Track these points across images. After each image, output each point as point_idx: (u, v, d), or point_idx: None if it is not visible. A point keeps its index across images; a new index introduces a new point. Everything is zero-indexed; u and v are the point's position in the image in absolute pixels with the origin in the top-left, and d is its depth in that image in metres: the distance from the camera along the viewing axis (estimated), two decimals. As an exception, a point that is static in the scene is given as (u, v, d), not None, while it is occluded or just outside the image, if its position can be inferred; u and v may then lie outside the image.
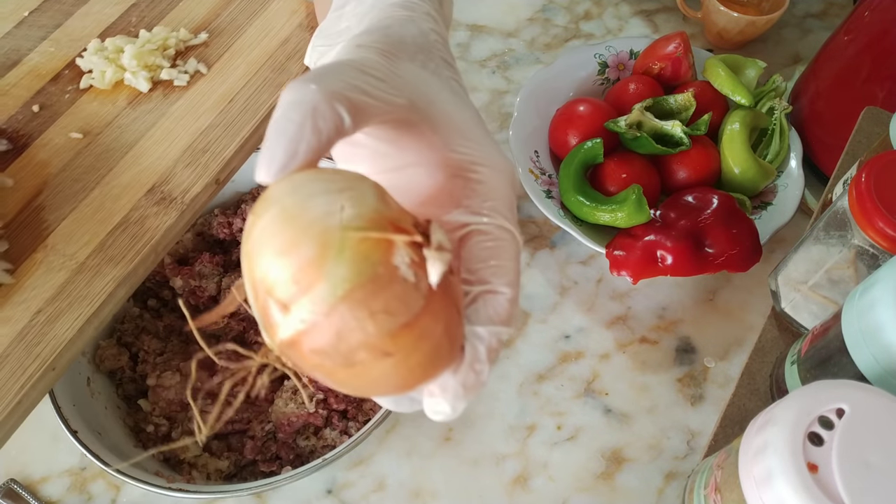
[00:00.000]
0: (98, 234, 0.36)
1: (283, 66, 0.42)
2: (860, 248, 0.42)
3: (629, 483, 0.52)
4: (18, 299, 0.34)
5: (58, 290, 0.35)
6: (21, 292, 0.34)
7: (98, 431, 0.47)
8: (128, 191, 0.37)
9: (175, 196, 0.37)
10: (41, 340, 0.33)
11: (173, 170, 0.38)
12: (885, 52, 0.58)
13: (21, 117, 0.40)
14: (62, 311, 0.34)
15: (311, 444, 0.51)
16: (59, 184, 0.38)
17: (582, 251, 0.63)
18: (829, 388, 0.33)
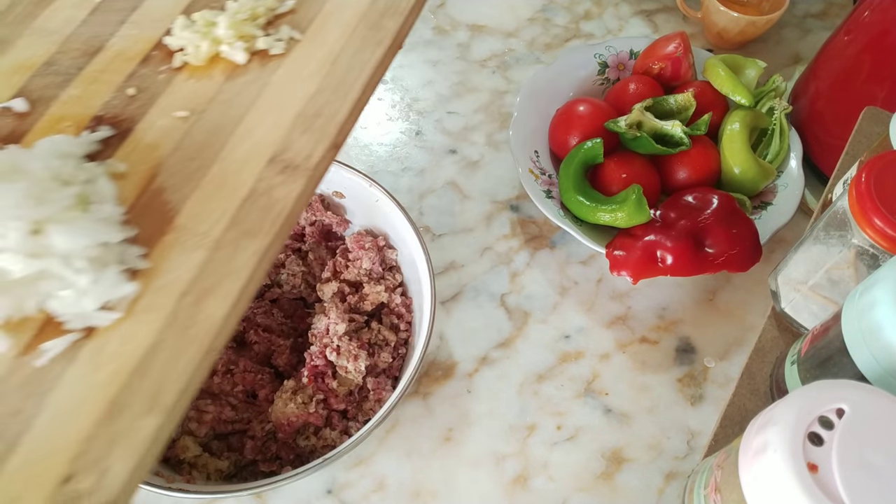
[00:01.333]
0: (228, 210, 0.34)
1: (379, 23, 0.41)
2: (860, 248, 0.42)
3: (629, 483, 0.52)
4: (159, 284, 0.33)
5: (199, 270, 0.33)
6: (160, 276, 0.33)
7: None
8: (247, 164, 0.36)
9: (298, 163, 0.36)
10: (194, 323, 0.32)
11: (289, 138, 0.37)
12: (885, 52, 0.58)
13: (117, 102, 0.39)
14: (209, 289, 0.32)
15: (311, 444, 0.51)
16: (173, 164, 0.36)
17: (582, 251, 0.63)
18: (829, 388, 0.33)
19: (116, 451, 0.29)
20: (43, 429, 0.29)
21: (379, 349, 0.53)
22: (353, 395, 0.52)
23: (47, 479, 0.28)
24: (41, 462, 0.28)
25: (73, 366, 0.30)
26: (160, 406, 0.29)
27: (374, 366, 0.53)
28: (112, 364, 0.30)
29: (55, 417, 0.29)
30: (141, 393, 0.30)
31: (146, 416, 0.29)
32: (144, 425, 0.29)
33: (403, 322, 0.55)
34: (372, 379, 0.52)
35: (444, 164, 0.69)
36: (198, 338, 0.31)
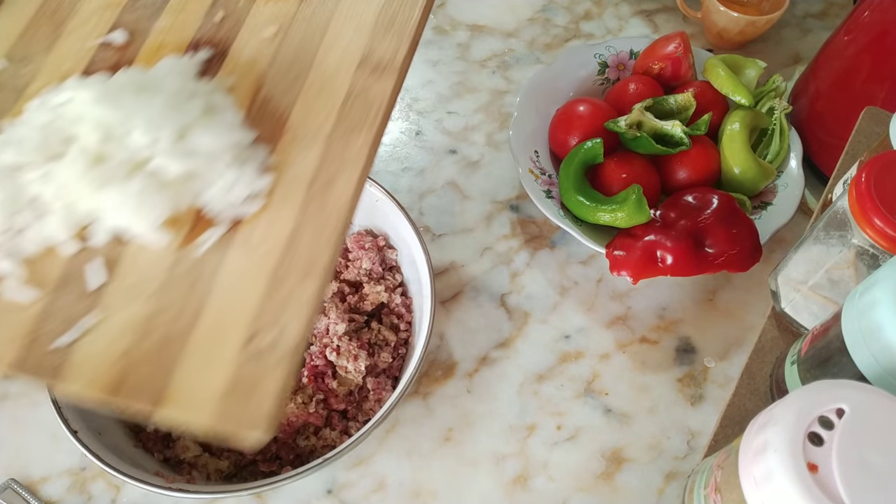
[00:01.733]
0: (332, 110, 0.39)
1: None
2: (860, 248, 0.42)
3: (629, 483, 0.52)
4: (289, 177, 0.37)
5: (320, 161, 0.37)
6: (288, 170, 0.37)
7: (98, 431, 0.47)
8: (339, 69, 0.40)
9: (385, 63, 0.40)
10: (326, 205, 0.36)
11: (372, 42, 0.41)
12: (885, 52, 0.58)
13: (208, 28, 0.42)
14: (333, 176, 0.37)
15: (310, 444, 0.51)
16: (273, 76, 0.40)
17: (582, 251, 0.63)
18: (829, 388, 0.33)
19: (288, 312, 0.34)
20: (218, 303, 0.34)
21: (379, 349, 0.53)
22: (353, 395, 0.52)
23: (234, 341, 0.33)
24: (226, 328, 0.34)
25: (229, 252, 0.35)
26: (314, 273, 0.35)
27: (374, 366, 0.52)
28: (264, 245, 0.36)
29: (226, 293, 0.35)
30: (295, 265, 0.35)
31: (305, 282, 0.35)
32: (305, 289, 0.34)
33: (403, 322, 0.55)
34: (372, 379, 0.52)
35: (444, 164, 0.69)
36: (332, 216, 0.36)
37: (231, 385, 0.32)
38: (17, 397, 0.56)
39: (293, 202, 0.36)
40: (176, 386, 0.33)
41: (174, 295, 0.34)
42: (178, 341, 0.33)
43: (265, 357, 0.33)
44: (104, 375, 0.33)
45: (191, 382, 0.33)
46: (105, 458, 0.45)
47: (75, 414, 0.47)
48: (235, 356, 0.33)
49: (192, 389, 0.33)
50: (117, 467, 0.44)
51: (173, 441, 0.51)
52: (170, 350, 0.33)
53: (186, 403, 0.32)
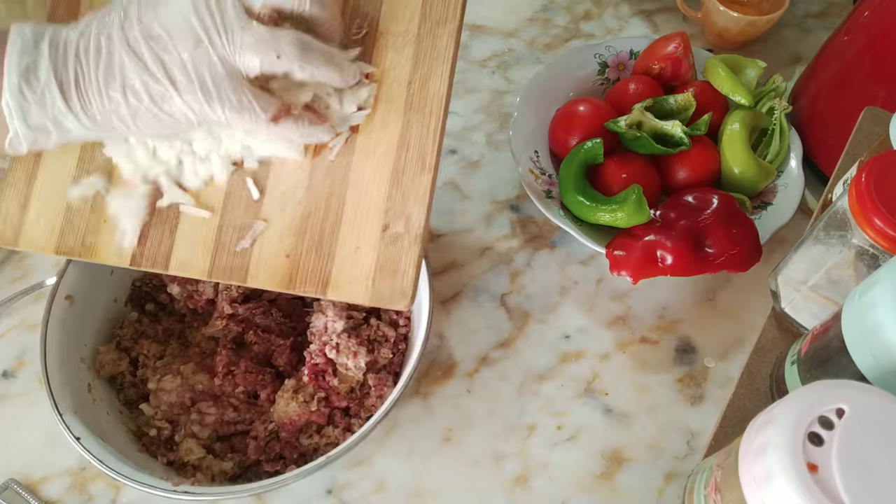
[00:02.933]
0: (415, 9, 0.42)
1: None
2: (860, 248, 0.42)
3: (629, 483, 0.52)
4: (389, 81, 0.42)
5: (414, 61, 0.42)
6: (387, 75, 0.42)
7: (101, 437, 0.47)
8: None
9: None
10: (426, 102, 0.41)
11: None
12: (885, 52, 0.58)
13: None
14: (427, 74, 0.41)
15: (314, 443, 0.51)
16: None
17: (582, 251, 0.63)
18: (829, 388, 0.33)
19: (410, 202, 0.40)
20: (354, 201, 0.41)
21: (378, 345, 0.53)
22: (355, 391, 0.52)
23: (373, 230, 0.41)
24: (364, 221, 0.41)
25: (354, 155, 0.42)
26: (427, 165, 0.41)
27: (375, 362, 0.52)
28: (381, 145, 0.41)
29: (359, 192, 0.41)
30: (411, 159, 0.41)
31: (421, 175, 0.41)
32: (422, 180, 0.41)
33: (402, 318, 0.55)
34: (373, 375, 0.52)
35: (444, 164, 0.69)
36: (433, 111, 0.41)
37: (377, 268, 0.40)
38: (17, 397, 0.56)
39: (398, 104, 0.41)
40: (336, 273, 0.40)
41: (317, 198, 0.41)
42: (330, 236, 0.41)
43: (400, 241, 0.40)
44: (279, 271, 0.41)
45: (346, 269, 0.40)
46: (108, 463, 0.45)
47: (77, 421, 0.47)
48: (377, 243, 0.40)
49: (349, 275, 0.40)
50: (121, 471, 0.45)
51: (176, 444, 0.51)
52: (325, 244, 0.41)
53: (346, 287, 0.40)
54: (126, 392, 0.54)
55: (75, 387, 0.50)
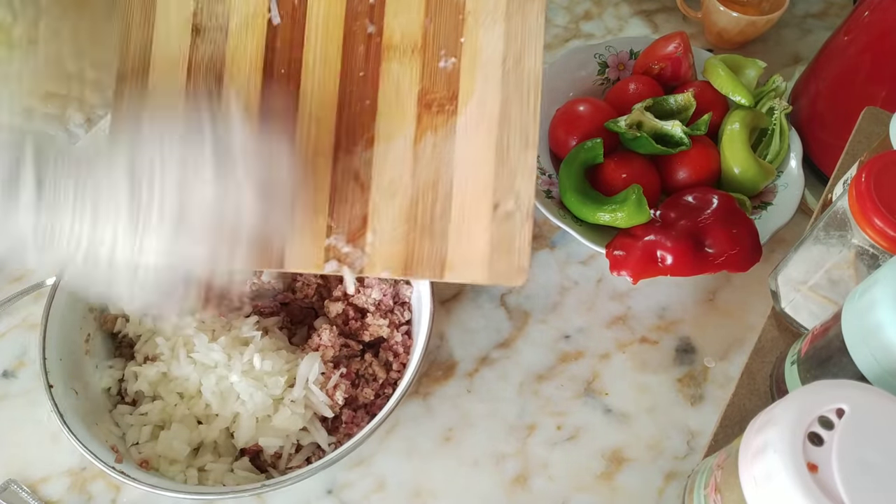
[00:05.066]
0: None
1: None
2: (860, 248, 0.42)
3: (629, 483, 0.52)
4: (482, 59, 0.42)
5: (505, 38, 0.42)
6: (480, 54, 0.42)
7: (75, 390, 0.49)
8: None
9: None
10: (522, 79, 0.41)
11: None
12: (885, 52, 0.58)
13: None
14: (520, 50, 0.41)
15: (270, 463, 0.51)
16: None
17: (582, 251, 0.63)
18: (829, 388, 0.33)
19: (518, 179, 0.40)
20: (462, 183, 0.41)
21: (365, 383, 0.52)
22: (326, 422, 0.51)
23: (484, 210, 0.41)
24: (474, 201, 0.41)
25: (456, 138, 0.41)
26: (530, 142, 0.41)
27: (355, 398, 0.52)
28: (482, 124, 0.41)
29: (465, 173, 0.41)
30: (513, 136, 0.41)
31: (525, 151, 0.40)
32: (527, 157, 0.40)
33: (398, 362, 0.53)
34: (348, 411, 0.51)
35: (444, 164, 0.69)
36: (531, 88, 0.41)
37: (492, 247, 0.41)
38: (17, 397, 0.56)
39: (494, 82, 0.41)
40: (451, 256, 0.41)
41: (425, 183, 0.41)
42: (441, 220, 0.41)
43: (511, 219, 0.41)
44: (396, 257, 0.42)
45: (461, 250, 0.41)
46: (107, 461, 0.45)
47: (77, 418, 0.47)
48: (489, 223, 0.41)
49: (464, 256, 0.41)
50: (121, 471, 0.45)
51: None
52: (437, 228, 0.41)
53: (463, 268, 0.41)
54: (122, 350, 0.55)
55: (72, 335, 0.51)
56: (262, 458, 0.50)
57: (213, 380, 0.49)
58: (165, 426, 0.50)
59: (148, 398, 0.52)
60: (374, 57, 0.43)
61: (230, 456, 0.50)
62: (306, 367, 0.50)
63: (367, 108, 0.43)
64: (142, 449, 0.49)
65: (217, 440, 0.50)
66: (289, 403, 0.49)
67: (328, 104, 0.43)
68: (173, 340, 0.51)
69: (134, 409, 0.52)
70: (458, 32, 0.42)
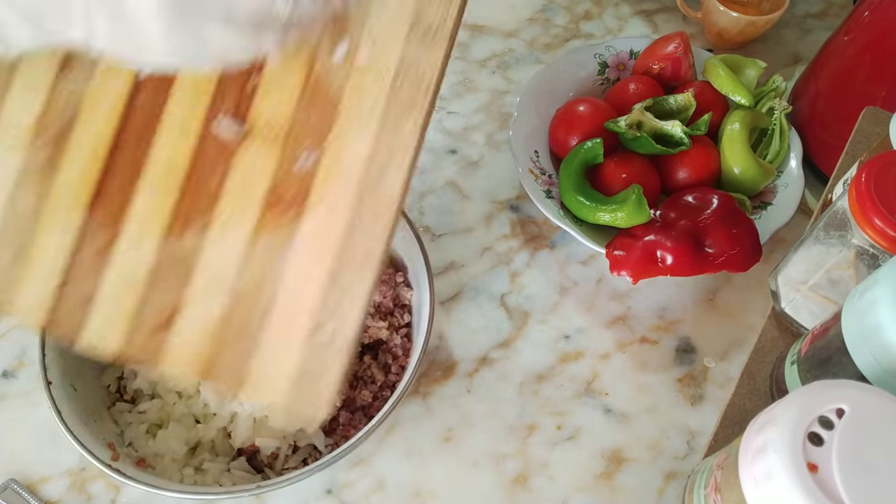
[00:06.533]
0: (382, 90, 0.38)
1: None
2: (860, 248, 0.42)
3: (629, 483, 0.52)
4: (344, 166, 0.37)
5: (373, 147, 0.37)
6: (342, 158, 0.37)
7: (74, 386, 0.48)
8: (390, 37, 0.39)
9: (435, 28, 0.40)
10: (379, 194, 0.37)
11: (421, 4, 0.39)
12: (885, 52, 0.58)
13: None
14: (385, 163, 0.37)
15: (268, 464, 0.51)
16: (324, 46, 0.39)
17: (582, 251, 0.63)
18: (829, 388, 0.33)
19: (345, 305, 0.36)
20: (286, 295, 0.36)
21: (363, 385, 0.52)
22: (324, 423, 0.51)
23: (302, 331, 0.36)
24: (294, 318, 0.36)
25: (293, 244, 0.37)
26: (368, 266, 0.36)
27: (352, 401, 0.51)
28: (324, 238, 0.37)
29: (292, 286, 0.36)
30: (352, 258, 0.36)
31: (361, 276, 0.36)
32: (361, 283, 0.36)
33: (396, 365, 0.53)
34: (346, 413, 0.51)
35: (444, 164, 0.69)
36: (385, 207, 0.36)
37: (300, 372, 0.36)
38: (17, 397, 0.56)
39: (348, 192, 0.37)
40: (255, 371, 0.36)
41: (248, 287, 0.37)
42: (255, 331, 0.36)
43: (328, 347, 0.36)
44: (196, 359, 0.37)
45: (267, 368, 0.36)
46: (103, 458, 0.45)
47: (74, 415, 0.47)
48: (303, 345, 0.36)
49: (269, 375, 0.36)
50: (122, 471, 0.45)
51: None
52: (248, 339, 0.36)
53: (263, 387, 0.36)
54: None
55: None
56: (259, 458, 0.50)
57: None
58: (163, 425, 0.50)
59: (147, 396, 0.52)
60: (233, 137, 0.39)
61: (227, 456, 0.50)
62: None
63: (212, 192, 0.38)
64: (139, 447, 0.49)
65: (214, 440, 0.50)
66: None
67: (173, 177, 0.38)
68: None
69: (133, 407, 0.52)
70: (326, 129, 0.38)
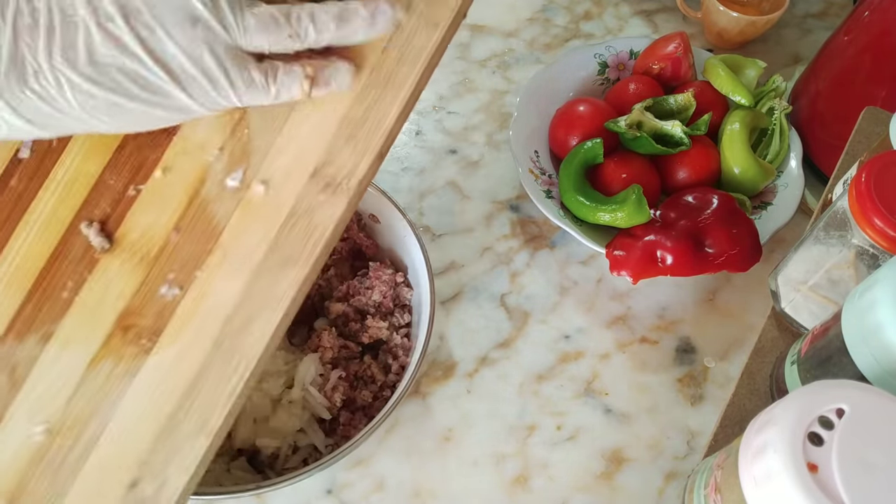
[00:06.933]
0: (268, 233, 0.34)
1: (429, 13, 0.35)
2: (860, 248, 0.42)
3: (629, 483, 0.52)
4: (207, 307, 0.34)
5: (243, 294, 0.34)
6: (208, 298, 0.34)
7: None
8: (289, 177, 0.35)
9: (341, 179, 0.34)
10: (237, 348, 0.33)
11: (332, 148, 0.35)
12: (885, 52, 0.58)
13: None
14: (252, 316, 0.33)
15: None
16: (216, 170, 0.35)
17: (582, 251, 0.63)
18: (829, 388, 0.33)
19: (173, 465, 0.33)
20: (112, 437, 0.33)
21: (364, 385, 0.52)
22: (324, 423, 0.51)
23: (119, 483, 0.33)
24: (113, 467, 0.33)
25: (135, 380, 0.34)
26: (206, 430, 0.33)
27: (353, 400, 0.51)
28: (168, 382, 0.33)
29: (122, 428, 0.33)
30: (191, 415, 0.33)
31: (196, 438, 0.33)
32: (194, 446, 0.33)
33: (397, 365, 0.53)
34: (346, 413, 0.51)
35: (444, 164, 0.69)
36: (240, 366, 0.33)
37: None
38: (17, 397, 0.56)
39: (205, 339, 0.34)
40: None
41: (76, 416, 0.34)
42: (72, 469, 0.33)
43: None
44: (3, 485, 0.33)
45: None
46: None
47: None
48: (120, 498, 0.32)
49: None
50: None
51: None
52: (63, 475, 0.33)
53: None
54: None
55: None
56: (259, 458, 0.50)
57: None
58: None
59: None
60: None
61: (227, 456, 0.50)
62: (305, 369, 0.50)
63: (62, 300, 0.35)
64: None
65: None
66: (286, 404, 0.49)
67: (25, 275, 0.36)
68: None
69: None
70: (198, 262, 0.35)
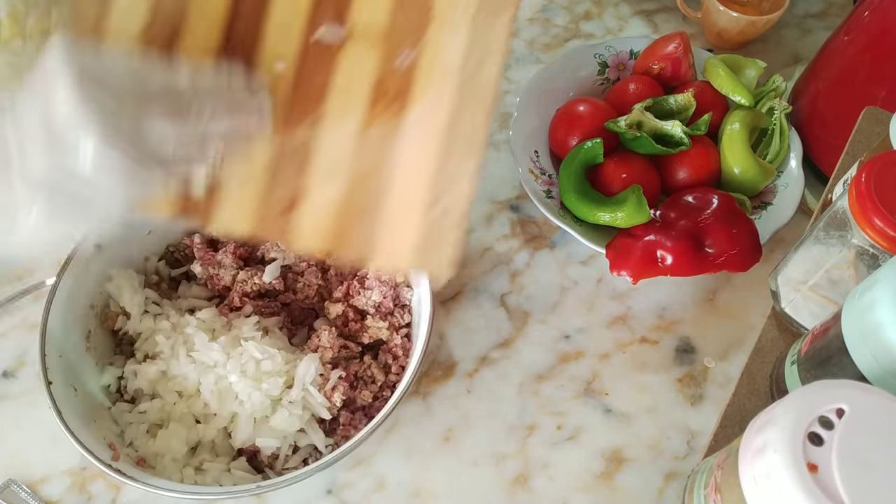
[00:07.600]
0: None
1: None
2: (860, 248, 0.42)
3: (629, 483, 0.52)
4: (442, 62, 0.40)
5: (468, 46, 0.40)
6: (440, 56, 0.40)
7: (74, 387, 0.49)
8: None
9: None
10: (476, 87, 0.40)
11: None
12: (885, 52, 0.58)
13: None
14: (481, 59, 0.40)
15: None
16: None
17: (582, 251, 0.63)
18: (829, 388, 0.33)
19: (456, 183, 0.40)
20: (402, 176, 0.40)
21: (364, 385, 0.52)
22: (324, 423, 0.51)
23: (419, 206, 0.40)
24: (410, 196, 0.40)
25: (402, 132, 0.41)
26: (474, 149, 0.40)
27: (353, 400, 0.51)
28: (432, 125, 0.40)
29: (407, 167, 0.40)
30: (458, 143, 0.40)
31: (468, 157, 0.40)
32: (469, 163, 0.40)
33: (397, 365, 0.53)
34: (346, 413, 0.51)
35: (444, 164, 0.69)
36: (484, 98, 0.40)
37: (421, 241, 0.40)
38: (17, 397, 0.56)
39: (448, 87, 0.40)
40: (380, 242, 0.40)
41: (364, 171, 0.41)
42: (377, 208, 0.40)
43: (444, 219, 0.40)
44: (325, 234, 0.41)
45: (392, 240, 0.40)
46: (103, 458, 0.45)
47: (75, 415, 0.47)
48: (422, 218, 0.40)
49: (393, 245, 0.40)
50: (122, 471, 0.45)
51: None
52: (372, 214, 0.40)
53: (389, 256, 0.41)
54: (123, 347, 0.55)
55: (71, 333, 0.51)
56: (259, 458, 0.50)
57: (212, 379, 0.49)
58: (164, 425, 0.50)
59: (147, 396, 0.52)
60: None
61: (227, 456, 0.50)
62: (305, 369, 0.50)
63: (321, 86, 0.42)
64: (139, 447, 0.49)
65: (215, 440, 0.50)
66: (287, 404, 0.49)
67: (285, 76, 0.42)
68: (173, 339, 0.51)
69: (133, 407, 0.52)
70: (421, 31, 0.41)
